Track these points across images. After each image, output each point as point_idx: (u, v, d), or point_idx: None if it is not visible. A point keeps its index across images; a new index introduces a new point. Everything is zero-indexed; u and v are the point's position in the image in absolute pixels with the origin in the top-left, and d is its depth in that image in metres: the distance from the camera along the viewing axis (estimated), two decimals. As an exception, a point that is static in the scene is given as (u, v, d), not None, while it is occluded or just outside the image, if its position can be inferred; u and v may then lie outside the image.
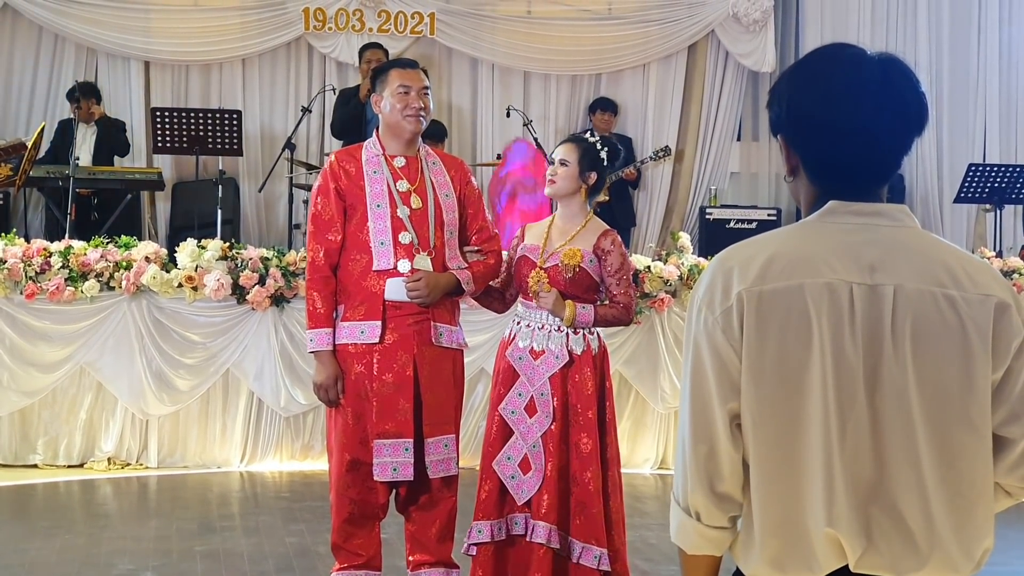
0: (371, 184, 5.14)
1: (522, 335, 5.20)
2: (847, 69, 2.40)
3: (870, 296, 2.30)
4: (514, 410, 5.15)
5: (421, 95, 5.19)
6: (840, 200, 2.38)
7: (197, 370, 8.92)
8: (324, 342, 5.12)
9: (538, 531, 5.05)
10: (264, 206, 12.82)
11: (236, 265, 8.83)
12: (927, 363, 2.30)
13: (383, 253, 5.08)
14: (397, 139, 5.22)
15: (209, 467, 8.98)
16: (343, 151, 5.41)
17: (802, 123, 2.41)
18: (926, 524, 2.31)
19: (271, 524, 7.34)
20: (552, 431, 5.08)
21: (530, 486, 5.09)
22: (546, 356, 5.15)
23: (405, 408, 5.07)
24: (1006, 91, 13.60)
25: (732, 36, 13.49)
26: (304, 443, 9.13)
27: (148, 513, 7.85)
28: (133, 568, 6.30)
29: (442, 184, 5.24)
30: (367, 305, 5.08)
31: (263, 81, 13.01)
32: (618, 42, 13.39)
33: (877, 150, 2.38)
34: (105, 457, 8.88)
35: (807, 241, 2.36)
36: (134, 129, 12.38)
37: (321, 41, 12.90)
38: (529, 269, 5.22)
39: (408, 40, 12.82)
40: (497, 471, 5.14)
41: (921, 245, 2.38)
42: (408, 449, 5.07)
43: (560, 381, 5.13)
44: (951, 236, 13.30)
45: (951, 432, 2.32)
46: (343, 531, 5.21)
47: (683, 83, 13.62)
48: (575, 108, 13.49)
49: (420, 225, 5.14)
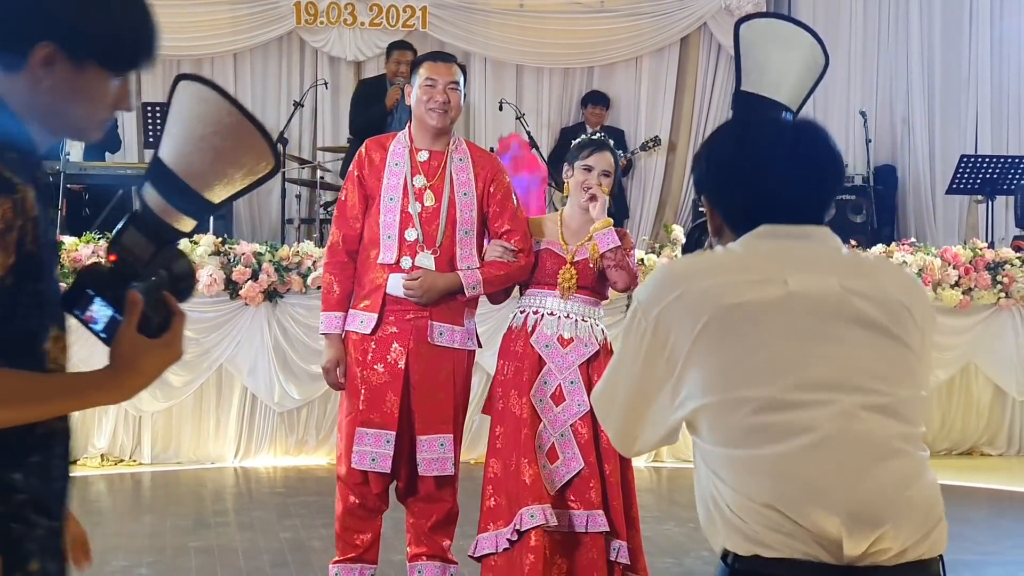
0: (389, 176, 5.16)
1: (547, 324, 5.16)
2: (764, 132, 2.66)
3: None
4: (541, 398, 5.10)
5: (448, 89, 5.18)
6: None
7: (190, 366, 8.90)
8: (332, 325, 5.16)
9: (596, 521, 5.01)
10: (257, 201, 12.80)
11: (229, 260, 8.82)
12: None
13: (388, 247, 5.09)
14: (424, 132, 5.23)
15: (203, 463, 8.97)
16: (375, 139, 5.41)
17: (723, 181, 2.62)
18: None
19: (265, 519, 7.34)
20: (586, 418, 5.03)
21: (560, 476, 5.04)
22: (575, 344, 5.12)
23: (392, 401, 5.08)
24: (998, 82, 13.60)
25: (724, 29, 13.47)
26: (298, 438, 9.12)
27: (142, 509, 7.84)
28: (127, 565, 6.29)
29: (464, 182, 5.21)
30: (371, 297, 5.12)
31: (255, 75, 13.01)
32: (610, 35, 13.40)
33: (792, 200, 2.56)
34: (98, 454, 8.87)
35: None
36: (125, 124, 12.36)
37: (313, 35, 12.89)
38: (557, 264, 5.19)
39: (400, 34, 12.79)
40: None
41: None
42: (389, 441, 5.07)
43: (585, 371, 5.12)
44: (943, 227, 13.33)
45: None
46: (346, 520, 5.22)
47: (676, 76, 13.63)
48: (567, 101, 13.50)
49: (429, 223, 5.13)
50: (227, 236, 9.28)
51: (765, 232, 2.54)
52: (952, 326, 9.83)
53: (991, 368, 9.94)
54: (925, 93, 13.62)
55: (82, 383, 2.20)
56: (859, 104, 13.08)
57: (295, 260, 8.82)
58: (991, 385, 9.98)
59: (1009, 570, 6.45)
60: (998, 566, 6.48)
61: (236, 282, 8.76)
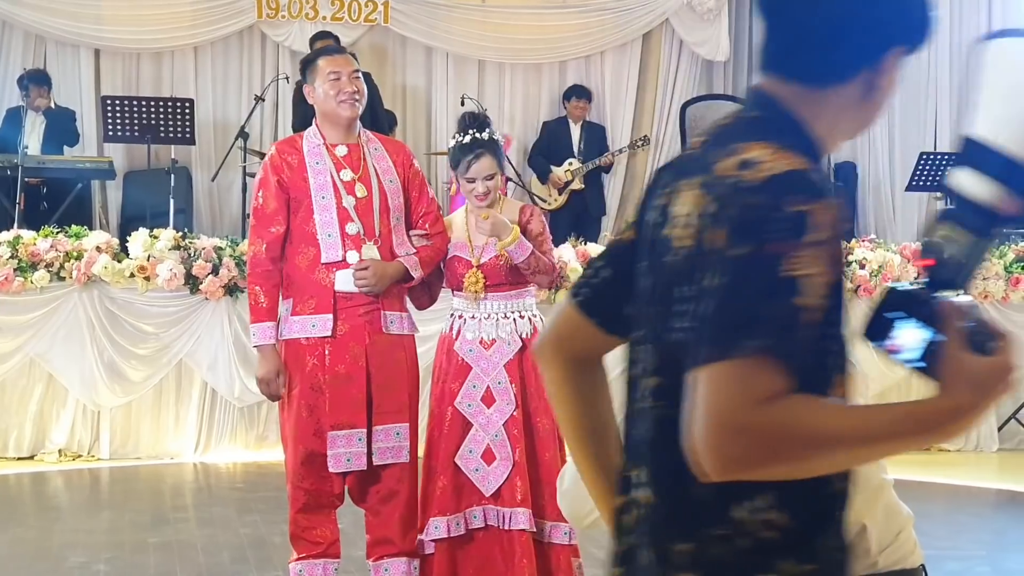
0: (315, 176, 5.12)
1: (469, 328, 5.20)
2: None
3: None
4: (470, 403, 5.14)
5: (352, 79, 5.16)
6: None
7: (150, 360, 8.87)
8: (266, 336, 5.10)
9: (518, 518, 5.05)
10: (217, 195, 12.75)
11: (189, 255, 8.78)
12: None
13: (331, 245, 5.06)
14: (335, 126, 5.20)
15: (162, 458, 8.93)
16: (283, 142, 5.38)
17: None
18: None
19: (225, 515, 7.31)
20: (515, 417, 5.09)
21: (497, 476, 5.09)
22: (498, 345, 5.16)
23: (358, 399, 5.06)
24: (957, 81, 13.70)
25: (687, 25, 13.51)
26: (258, 433, 9.10)
27: (100, 505, 7.80)
28: (85, 560, 6.26)
29: (385, 170, 5.22)
30: (317, 299, 5.06)
31: (216, 69, 12.93)
32: (573, 31, 13.40)
33: None
34: (56, 449, 8.82)
35: None
36: (84, 117, 12.27)
37: (274, 29, 12.83)
38: (464, 268, 5.22)
39: (362, 28, 12.77)
40: (461, 465, 5.13)
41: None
42: (361, 439, 5.06)
43: (516, 367, 5.15)
44: (903, 224, 13.42)
45: None
46: (299, 521, 5.19)
47: (638, 72, 13.63)
48: (530, 96, 13.48)
49: (365, 214, 5.12)
50: (187, 231, 9.24)
51: None
52: (911, 322, 9.90)
53: (950, 364, 10.00)
54: (885, 90, 13.68)
55: (925, 414, 1.81)
56: (820, 101, 13.10)
57: (255, 255, 8.78)
58: (949, 381, 10.04)
59: (966, 565, 6.49)
60: (955, 560, 6.51)
61: (196, 277, 8.73)
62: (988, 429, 10.08)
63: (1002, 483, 9.10)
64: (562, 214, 11.76)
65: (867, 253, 9.87)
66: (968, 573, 6.36)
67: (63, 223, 9.16)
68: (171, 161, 10.96)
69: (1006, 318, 10.05)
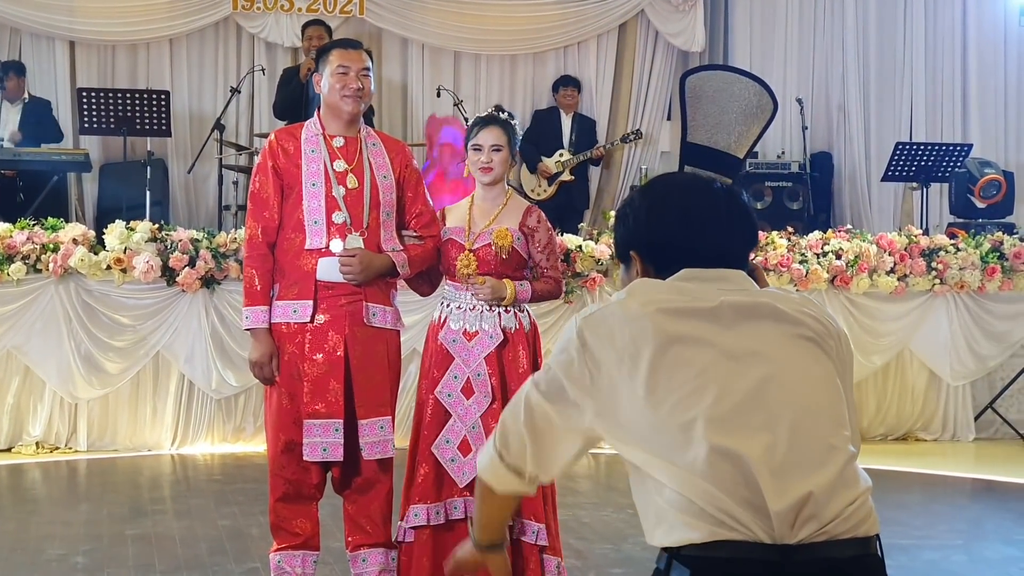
0: (308, 163, 5.12)
1: (454, 317, 5.21)
2: (700, 197, 2.77)
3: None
4: (450, 393, 5.15)
5: (360, 76, 5.17)
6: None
7: (127, 353, 8.85)
8: (260, 319, 5.09)
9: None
10: (193, 187, 12.74)
11: (166, 247, 8.77)
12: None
13: (316, 232, 5.06)
14: (336, 119, 5.21)
15: (140, 450, 8.92)
16: (283, 130, 5.39)
17: (660, 244, 2.75)
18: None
19: (203, 507, 7.30)
20: (493, 410, 5.09)
21: (471, 468, 5.08)
22: (480, 336, 5.16)
23: (336, 389, 5.05)
24: (932, 71, 13.74)
25: (662, 16, 13.53)
26: (236, 425, 9.09)
27: (78, 497, 7.78)
28: (63, 553, 6.24)
29: (381, 165, 5.22)
30: (300, 285, 5.06)
31: (191, 61, 12.91)
32: (548, 22, 13.40)
33: (725, 259, 2.73)
34: (33, 441, 8.80)
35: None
36: (60, 109, 12.25)
37: (250, 21, 12.81)
38: (457, 252, 5.22)
39: (338, 20, 12.75)
40: (436, 455, 5.13)
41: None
42: (338, 430, 5.05)
43: (496, 360, 5.15)
44: (879, 214, 13.46)
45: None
46: (279, 511, 5.19)
47: (614, 63, 13.65)
48: (505, 87, 13.49)
49: (354, 205, 5.12)
50: (164, 222, 9.22)
51: (687, 275, 2.68)
52: (887, 312, 9.95)
53: (926, 354, 10.06)
54: (861, 81, 13.72)
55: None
56: (795, 91, 13.14)
57: (232, 247, 8.78)
58: (926, 371, 10.10)
59: (943, 554, 6.52)
60: (932, 550, 6.54)
61: (173, 269, 8.71)
62: (965, 418, 10.14)
63: (979, 472, 9.14)
64: (548, 205, 11.77)
65: (843, 243, 9.90)
66: (945, 562, 6.39)
67: (39, 215, 9.13)
68: (147, 153, 10.94)
69: (982, 308, 10.10)
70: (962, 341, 10.06)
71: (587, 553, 6.35)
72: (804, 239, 9.99)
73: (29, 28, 12.45)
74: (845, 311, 9.82)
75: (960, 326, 10.06)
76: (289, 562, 5.16)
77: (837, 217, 13.39)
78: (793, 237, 10.00)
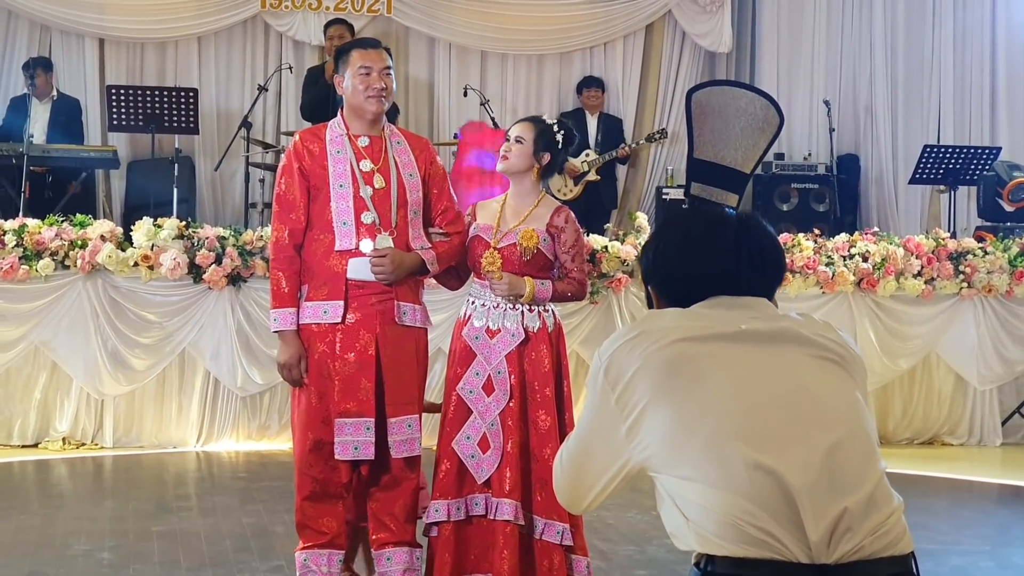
0: (334, 164, 5.13)
1: (477, 314, 5.21)
2: (702, 228, 2.82)
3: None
4: (472, 389, 5.15)
5: (383, 75, 5.17)
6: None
7: (153, 349, 8.88)
8: (288, 322, 5.10)
9: (503, 508, 5.05)
10: (220, 185, 12.77)
11: (192, 244, 8.79)
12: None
13: (345, 233, 5.07)
14: (360, 119, 5.21)
15: (165, 447, 8.95)
16: (307, 131, 5.39)
17: (663, 277, 2.82)
18: None
19: (228, 504, 7.32)
20: (511, 408, 5.09)
21: (489, 464, 5.10)
22: (502, 335, 5.16)
23: (367, 387, 5.06)
24: (961, 72, 13.66)
25: (689, 16, 13.51)
26: (261, 423, 9.11)
27: (104, 493, 7.81)
28: (89, 548, 6.26)
29: (406, 164, 5.22)
30: (330, 285, 5.07)
31: (219, 59, 12.95)
32: (576, 22, 13.40)
33: (740, 287, 2.75)
34: (60, 437, 8.83)
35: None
36: (88, 107, 12.30)
37: (278, 19, 12.83)
38: (483, 249, 5.23)
39: (365, 19, 12.77)
40: (456, 451, 5.14)
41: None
42: (369, 428, 5.06)
43: (517, 359, 5.14)
44: (905, 217, 13.40)
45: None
46: (306, 509, 5.19)
47: (640, 64, 13.64)
48: (532, 87, 13.49)
49: (382, 205, 5.12)
50: (191, 220, 9.24)
51: (713, 303, 2.72)
52: (914, 316, 9.90)
53: (953, 358, 10.01)
54: (888, 82, 13.67)
55: None
56: (823, 93, 13.12)
57: (259, 244, 8.79)
58: (952, 375, 10.05)
59: (969, 559, 6.49)
60: (959, 555, 6.51)
61: (200, 266, 8.73)
62: (992, 423, 10.09)
63: (1005, 478, 9.09)
64: (576, 205, 11.74)
65: (870, 246, 9.86)
66: (972, 568, 6.36)
67: (68, 211, 9.17)
68: (175, 150, 10.96)
69: (1010, 312, 10.05)
70: (989, 345, 10.01)
71: (611, 554, 6.35)
72: (831, 241, 9.96)
73: (58, 25, 12.50)
74: (871, 314, 9.79)
75: (987, 330, 10.01)
76: (315, 561, 5.16)
77: (864, 219, 13.35)
78: (820, 239, 9.97)
